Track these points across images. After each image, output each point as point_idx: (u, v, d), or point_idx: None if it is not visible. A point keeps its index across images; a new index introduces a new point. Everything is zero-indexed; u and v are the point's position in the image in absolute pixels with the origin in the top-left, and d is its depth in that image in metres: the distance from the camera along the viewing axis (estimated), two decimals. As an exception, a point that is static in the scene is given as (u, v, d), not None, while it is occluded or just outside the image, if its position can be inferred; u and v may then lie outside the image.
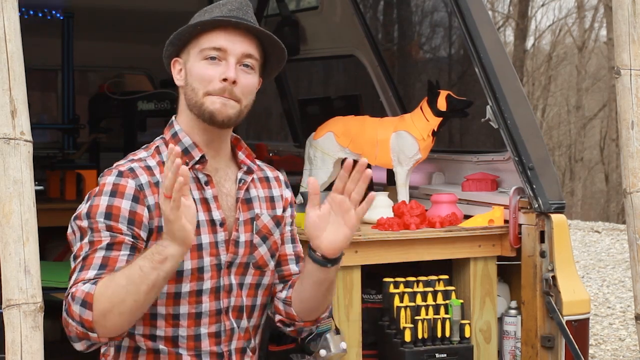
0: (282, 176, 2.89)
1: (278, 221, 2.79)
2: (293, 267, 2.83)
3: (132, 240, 2.52)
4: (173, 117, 2.74)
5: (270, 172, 2.86)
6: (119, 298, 2.39)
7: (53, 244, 5.96)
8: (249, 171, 2.76)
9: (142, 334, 2.63)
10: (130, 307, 2.41)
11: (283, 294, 2.79)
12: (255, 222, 2.72)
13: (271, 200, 2.80)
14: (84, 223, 2.53)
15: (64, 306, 2.47)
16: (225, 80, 2.60)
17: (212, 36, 2.63)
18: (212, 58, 2.62)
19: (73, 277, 2.49)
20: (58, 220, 5.35)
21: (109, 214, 2.52)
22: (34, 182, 2.37)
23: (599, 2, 20.85)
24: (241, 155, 2.76)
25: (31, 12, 6.04)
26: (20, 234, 2.31)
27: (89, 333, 2.42)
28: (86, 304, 2.40)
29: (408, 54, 6.18)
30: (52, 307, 2.90)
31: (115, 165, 2.64)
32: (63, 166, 5.83)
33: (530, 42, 21.23)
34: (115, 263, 2.48)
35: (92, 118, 6.45)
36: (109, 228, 2.51)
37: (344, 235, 2.59)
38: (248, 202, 2.73)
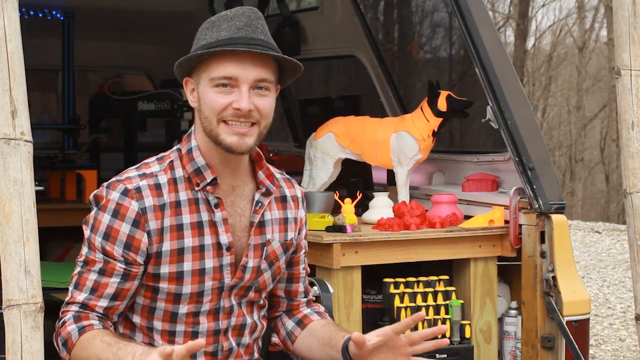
0: (299, 193, 2.78)
1: (287, 247, 2.71)
2: (300, 286, 2.81)
3: (123, 267, 2.52)
4: (192, 127, 2.64)
5: (288, 190, 2.75)
6: None
7: (53, 244, 5.96)
8: (267, 193, 2.66)
9: (142, 341, 2.62)
10: None
11: (289, 325, 2.78)
12: (265, 247, 2.66)
13: (285, 222, 2.72)
14: (87, 233, 2.55)
15: (58, 321, 2.56)
16: (238, 109, 2.50)
17: (222, 64, 2.50)
18: (224, 85, 2.51)
19: (70, 290, 2.57)
20: (58, 221, 5.38)
21: (107, 235, 2.51)
22: (34, 182, 2.37)
23: (599, 3, 20.85)
24: (261, 175, 2.65)
25: (31, 12, 6.04)
26: (20, 234, 2.31)
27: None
28: (66, 346, 2.52)
29: (408, 54, 6.18)
30: (52, 307, 2.90)
31: (124, 176, 2.56)
32: (63, 166, 5.83)
33: (530, 42, 21.23)
34: (104, 288, 2.53)
35: (92, 118, 6.45)
36: (104, 251, 2.52)
37: None
38: (261, 225, 2.66)
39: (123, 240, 2.51)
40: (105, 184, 2.58)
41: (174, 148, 2.66)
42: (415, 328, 3.73)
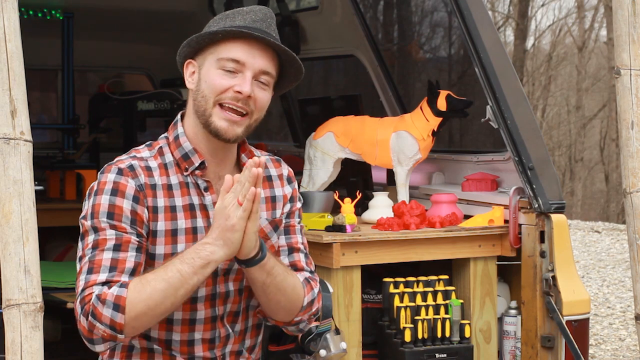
0: (285, 171, 2.82)
1: (277, 225, 2.74)
2: (284, 260, 2.76)
3: (137, 240, 2.52)
4: (179, 116, 2.69)
5: (274, 170, 2.79)
6: (155, 301, 2.43)
7: (53, 244, 5.96)
8: None
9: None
10: (165, 309, 2.46)
11: None
12: None
13: (272, 200, 2.75)
14: (88, 223, 2.53)
15: (80, 310, 2.44)
16: (239, 92, 2.54)
17: (232, 46, 2.55)
18: (230, 70, 2.55)
19: (82, 279, 2.47)
20: (58, 220, 5.38)
21: (112, 214, 2.51)
22: (34, 182, 2.37)
23: (599, 2, 20.85)
24: (244, 158, 2.70)
25: (31, 12, 6.04)
26: (20, 234, 2.31)
27: (118, 335, 2.43)
28: (119, 307, 2.41)
29: (408, 54, 6.18)
30: (52, 307, 2.90)
31: (116, 160, 2.61)
32: (63, 166, 5.83)
33: (530, 42, 21.24)
34: (124, 264, 2.48)
35: (92, 118, 6.45)
36: (113, 227, 2.50)
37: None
38: None
39: (128, 215, 2.52)
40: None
41: (162, 136, 2.70)
42: (416, 329, 3.74)
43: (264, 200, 2.73)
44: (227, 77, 2.56)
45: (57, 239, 5.94)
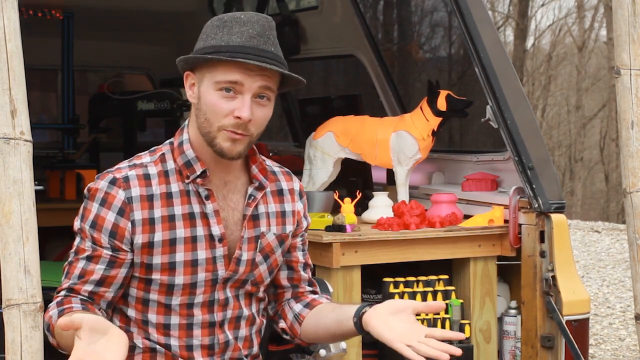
0: (297, 185, 2.80)
1: (282, 240, 2.72)
2: (303, 274, 2.81)
3: (110, 253, 2.55)
4: (187, 121, 2.67)
5: (285, 184, 2.77)
6: (61, 346, 2.49)
7: (53, 244, 5.96)
8: (261, 187, 2.68)
9: (136, 334, 2.63)
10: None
11: (297, 308, 2.77)
12: (259, 240, 2.67)
13: (282, 215, 2.74)
14: (78, 224, 2.59)
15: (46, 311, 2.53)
16: (238, 118, 2.51)
17: (229, 69, 2.51)
18: (228, 90, 2.51)
19: (63, 277, 2.58)
20: (58, 220, 5.38)
21: (95, 224, 2.55)
22: (34, 182, 2.38)
23: (599, 2, 20.85)
24: (254, 170, 2.67)
25: (31, 12, 6.03)
26: (20, 234, 2.31)
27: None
28: (49, 330, 2.49)
29: (408, 54, 6.18)
30: (52, 307, 2.90)
31: (115, 168, 2.61)
32: (63, 166, 5.83)
33: (530, 42, 21.23)
34: (90, 275, 2.55)
35: (92, 118, 6.45)
36: (92, 239, 2.55)
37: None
38: (255, 219, 2.67)
39: (108, 228, 2.54)
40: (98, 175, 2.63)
41: (167, 141, 2.69)
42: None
43: (274, 214, 2.72)
44: (226, 100, 2.52)
45: (57, 239, 5.94)
